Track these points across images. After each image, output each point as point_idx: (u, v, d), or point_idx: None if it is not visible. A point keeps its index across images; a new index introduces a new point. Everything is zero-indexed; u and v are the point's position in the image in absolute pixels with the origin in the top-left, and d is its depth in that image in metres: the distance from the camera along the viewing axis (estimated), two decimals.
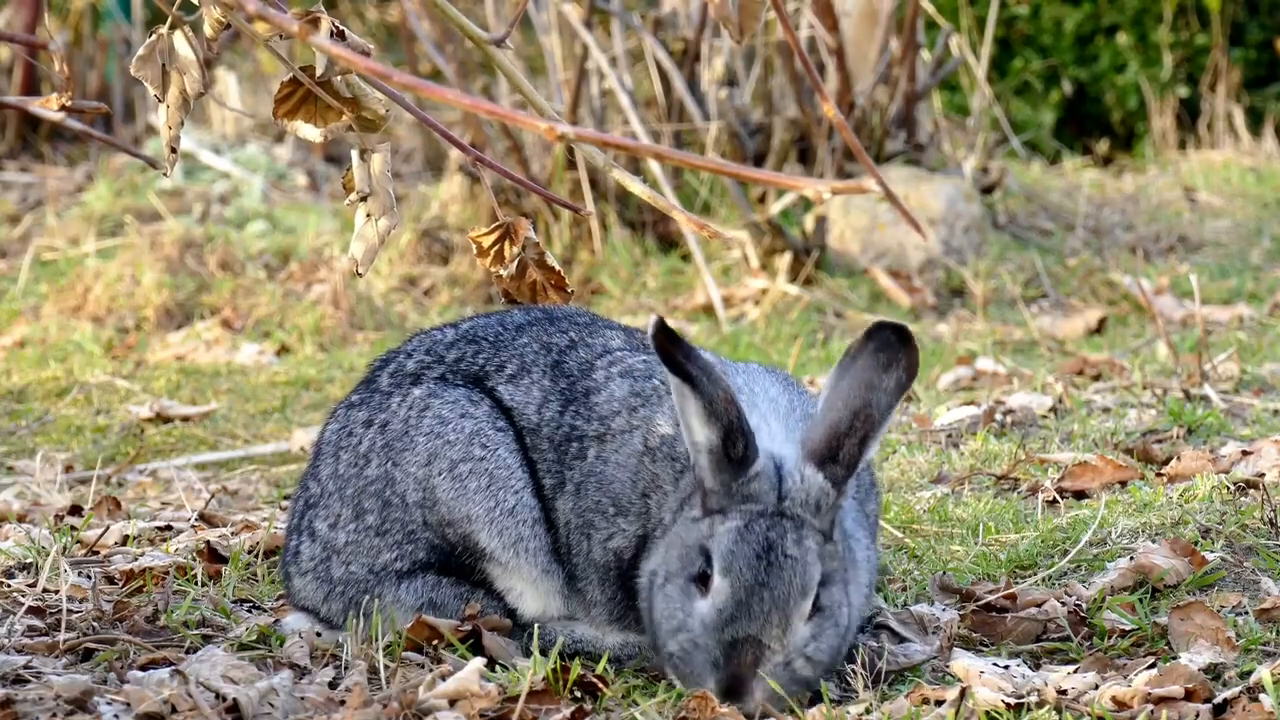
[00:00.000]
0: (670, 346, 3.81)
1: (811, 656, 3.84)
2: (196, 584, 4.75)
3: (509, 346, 4.30)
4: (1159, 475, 5.42)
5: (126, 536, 5.28)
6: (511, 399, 4.23)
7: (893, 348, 3.91)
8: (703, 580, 3.85)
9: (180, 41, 4.06)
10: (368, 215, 4.19)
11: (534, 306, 4.43)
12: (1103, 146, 14.19)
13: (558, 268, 4.39)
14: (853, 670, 4.02)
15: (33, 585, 4.66)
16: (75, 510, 5.70)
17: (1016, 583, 4.55)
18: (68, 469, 6.73)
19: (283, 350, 8.98)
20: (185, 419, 7.42)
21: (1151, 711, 3.78)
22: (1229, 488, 5.13)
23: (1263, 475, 5.18)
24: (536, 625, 4.14)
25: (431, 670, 3.97)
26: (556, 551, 4.16)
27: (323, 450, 4.34)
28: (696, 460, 3.90)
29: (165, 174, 4.11)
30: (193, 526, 5.45)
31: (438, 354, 4.33)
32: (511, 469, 4.16)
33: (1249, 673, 3.96)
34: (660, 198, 3.97)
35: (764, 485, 3.87)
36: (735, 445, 3.86)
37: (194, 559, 4.91)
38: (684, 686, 3.86)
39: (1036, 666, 4.12)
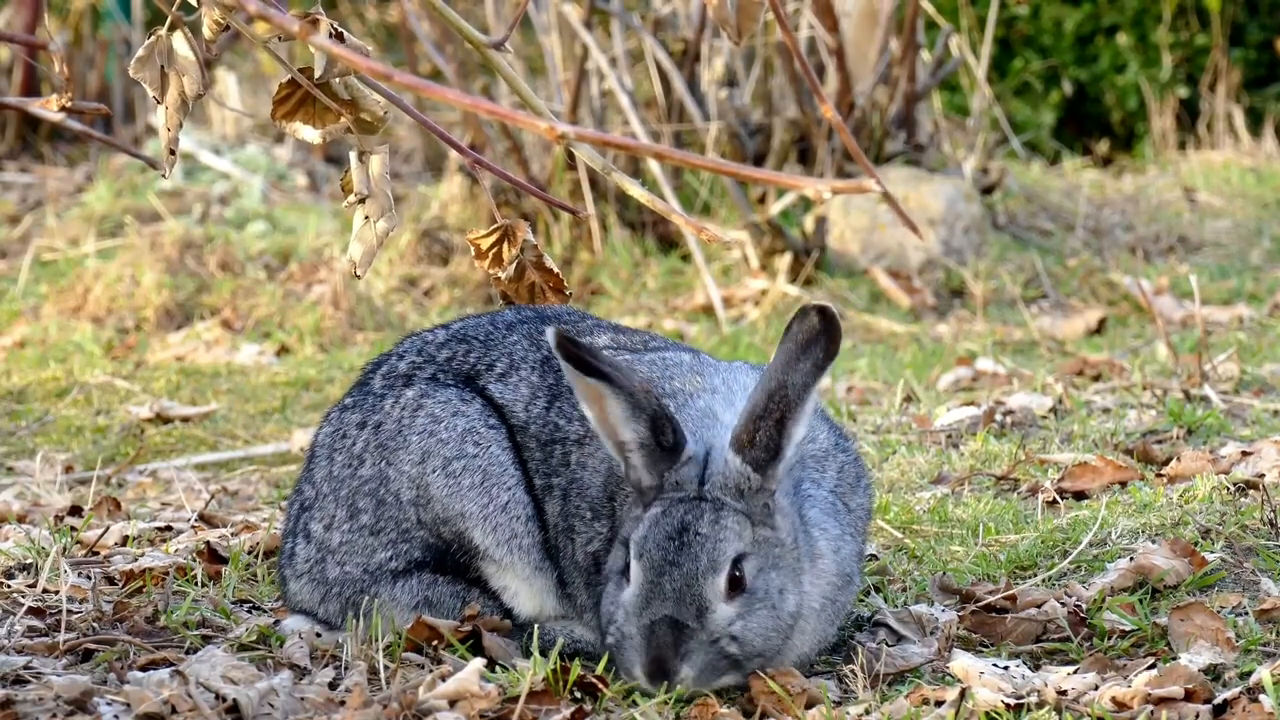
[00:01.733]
0: (578, 353, 3.83)
1: (738, 636, 3.84)
2: (196, 584, 4.76)
3: (499, 345, 4.31)
4: (1159, 476, 5.42)
5: (126, 537, 5.28)
6: (501, 396, 4.24)
7: (813, 329, 3.89)
8: (626, 570, 3.88)
9: (179, 42, 4.06)
10: (366, 217, 4.19)
11: (525, 306, 4.44)
12: (1103, 147, 14.19)
13: (556, 270, 4.39)
14: (852, 671, 4.03)
15: (33, 585, 4.66)
16: (75, 511, 5.70)
17: (1016, 583, 4.55)
18: (68, 469, 6.73)
19: (283, 350, 8.98)
20: (185, 419, 7.42)
21: (1151, 712, 3.78)
22: (1229, 488, 5.13)
23: (1263, 476, 5.18)
24: (536, 625, 4.14)
25: (431, 671, 3.97)
26: (548, 550, 4.18)
27: (317, 453, 4.35)
28: (630, 461, 3.91)
29: (164, 175, 4.11)
30: (193, 527, 5.45)
31: (429, 354, 4.34)
32: (504, 466, 4.17)
33: (1249, 673, 3.96)
34: (659, 201, 3.97)
35: (690, 472, 3.89)
36: (664, 434, 3.88)
37: (194, 559, 4.91)
38: (625, 676, 3.89)
39: (1036, 667, 4.12)
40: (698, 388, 4.12)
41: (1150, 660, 4.08)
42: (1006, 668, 4.02)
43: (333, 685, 4.00)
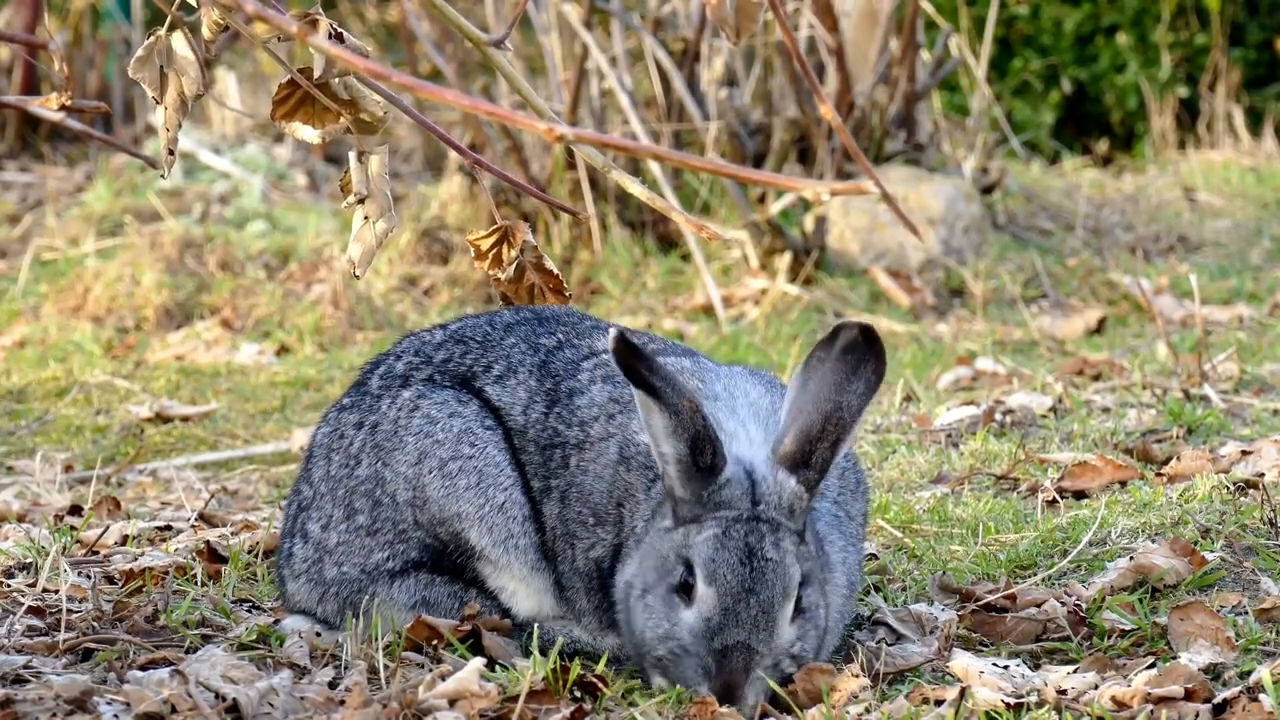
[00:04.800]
0: (632, 359, 3.79)
1: (797, 655, 3.86)
2: (196, 584, 4.75)
3: (497, 347, 4.30)
4: (1159, 475, 5.42)
5: (126, 536, 5.28)
6: (499, 399, 4.23)
7: (860, 349, 3.89)
8: (685, 590, 3.85)
9: (179, 42, 4.06)
10: (365, 217, 4.18)
11: (524, 307, 4.42)
12: (1102, 146, 14.19)
13: (555, 271, 4.39)
14: (851, 670, 4.02)
15: (33, 585, 4.66)
16: (75, 510, 5.70)
17: (1016, 583, 4.55)
18: (68, 469, 6.73)
19: (282, 350, 8.98)
20: (185, 419, 7.42)
21: (1151, 711, 3.78)
22: (1229, 488, 5.13)
23: (1262, 475, 5.18)
24: (536, 625, 4.14)
25: (431, 670, 3.97)
26: (545, 551, 4.17)
27: (314, 453, 4.35)
28: (665, 471, 3.89)
29: (164, 175, 4.11)
30: (192, 526, 5.45)
31: (426, 355, 4.33)
32: (501, 466, 4.16)
33: (1249, 673, 3.96)
34: (659, 199, 3.97)
35: (736, 492, 3.87)
36: (703, 454, 3.85)
37: (194, 559, 4.91)
38: (673, 687, 3.87)
39: (1036, 666, 4.12)
40: (708, 395, 4.11)
41: (1150, 660, 4.08)
42: (1006, 667, 4.02)
43: (332, 685, 4.00)
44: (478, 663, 3.90)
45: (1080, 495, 5.33)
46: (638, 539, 3.98)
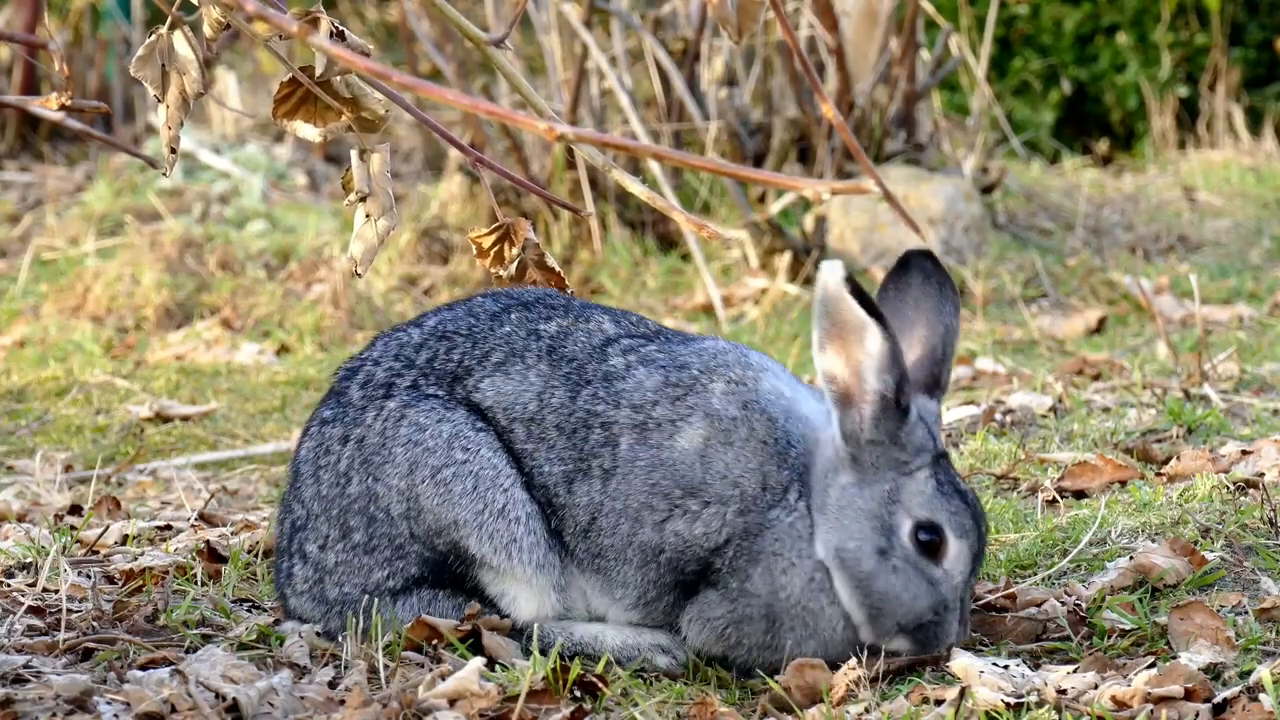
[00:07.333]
0: (862, 289, 3.91)
1: None
2: (196, 584, 4.75)
3: (489, 337, 4.20)
4: (1159, 475, 5.42)
5: (126, 536, 5.28)
6: (499, 391, 4.15)
7: (936, 273, 4.10)
8: (932, 549, 3.99)
9: (180, 41, 4.06)
10: (367, 215, 4.18)
11: (499, 291, 4.33)
12: (1102, 146, 14.20)
13: (557, 268, 4.38)
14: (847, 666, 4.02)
15: (33, 585, 4.66)
16: (75, 510, 5.70)
17: (1016, 583, 4.56)
18: (67, 469, 6.73)
19: (282, 350, 8.98)
20: (185, 419, 7.42)
21: (1151, 711, 3.78)
22: (1229, 487, 5.13)
23: (1263, 475, 5.18)
24: (536, 625, 4.12)
25: (431, 670, 3.97)
26: (555, 538, 4.10)
27: (301, 470, 4.25)
28: (860, 410, 3.96)
29: (165, 174, 4.11)
30: (192, 526, 5.45)
31: (406, 358, 4.22)
32: (497, 468, 4.09)
33: (1249, 672, 3.96)
34: (659, 198, 3.97)
35: (921, 432, 3.99)
36: (904, 393, 3.96)
37: (194, 559, 4.91)
38: (924, 651, 4.03)
39: (1036, 666, 4.12)
40: (759, 367, 4.12)
41: (1150, 659, 4.08)
42: (1006, 667, 4.02)
43: (332, 684, 4.00)
44: (478, 662, 3.90)
45: (1080, 495, 5.33)
46: (819, 508, 3.99)
